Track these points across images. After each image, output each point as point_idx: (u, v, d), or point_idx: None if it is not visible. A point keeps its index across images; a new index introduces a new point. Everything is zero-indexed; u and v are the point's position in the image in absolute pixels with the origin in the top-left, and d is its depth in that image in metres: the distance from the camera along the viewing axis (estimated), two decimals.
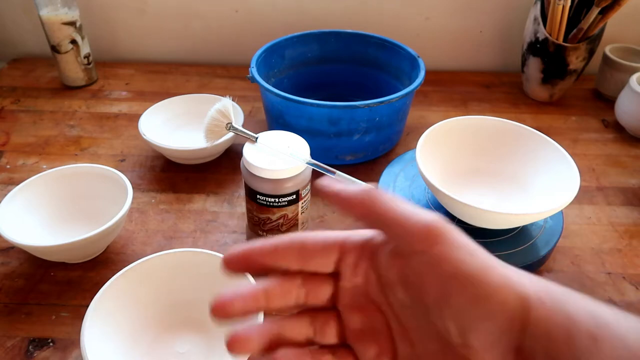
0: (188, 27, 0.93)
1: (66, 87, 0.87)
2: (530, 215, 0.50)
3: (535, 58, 0.81)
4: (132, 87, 0.88)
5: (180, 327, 0.48)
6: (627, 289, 0.54)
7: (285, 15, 0.91)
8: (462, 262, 0.24)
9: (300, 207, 0.52)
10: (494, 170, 0.61)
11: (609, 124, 0.81)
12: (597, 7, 0.73)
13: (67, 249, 0.50)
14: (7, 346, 0.47)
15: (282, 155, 0.49)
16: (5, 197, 0.54)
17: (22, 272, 0.54)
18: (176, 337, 0.47)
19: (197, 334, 0.47)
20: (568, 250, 0.58)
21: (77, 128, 0.77)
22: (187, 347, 0.46)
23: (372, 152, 0.70)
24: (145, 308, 0.47)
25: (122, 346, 0.44)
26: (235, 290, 0.28)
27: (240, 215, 0.62)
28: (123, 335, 0.45)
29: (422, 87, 0.69)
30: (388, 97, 0.63)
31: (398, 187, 0.60)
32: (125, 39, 0.96)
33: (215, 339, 0.46)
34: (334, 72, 0.81)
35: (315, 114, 0.64)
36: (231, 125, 0.52)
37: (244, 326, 0.28)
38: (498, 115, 0.62)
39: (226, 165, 0.70)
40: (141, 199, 0.64)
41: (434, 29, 0.92)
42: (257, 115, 0.81)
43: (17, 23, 0.94)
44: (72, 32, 0.82)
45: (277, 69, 0.76)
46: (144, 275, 0.47)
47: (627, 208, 0.64)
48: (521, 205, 0.57)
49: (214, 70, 0.93)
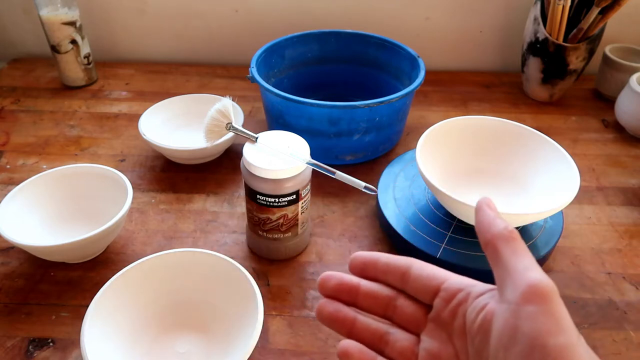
0: (188, 27, 0.93)
1: (66, 87, 0.87)
2: (530, 215, 0.50)
3: (535, 58, 0.81)
4: (132, 87, 0.88)
5: (180, 327, 0.48)
6: (627, 289, 0.54)
7: (285, 15, 0.91)
8: (548, 333, 0.24)
9: (300, 207, 0.52)
10: (494, 170, 0.61)
11: (609, 124, 0.81)
12: (597, 7, 0.73)
13: (67, 249, 0.50)
14: (7, 346, 0.47)
15: (282, 155, 0.49)
16: (5, 197, 0.54)
17: (22, 272, 0.54)
18: (176, 337, 0.47)
19: (197, 334, 0.47)
20: (568, 250, 0.58)
21: (77, 128, 0.77)
22: (187, 347, 0.46)
23: (372, 152, 0.70)
24: (145, 308, 0.47)
25: (122, 346, 0.44)
26: (340, 274, 0.32)
27: (240, 215, 0.62)
28: (123, 335, 0.45)
29: (422, 87, 0.69)
30: (388, 97, 0.63)
31: (398, 187, 0.60)
32: (125, 39, 0.96)
33: (215, 339, 0.46)
34: (334, 72, 0.81)
35: (315, 114, 0.64)
36: (231, 125, 0.52)
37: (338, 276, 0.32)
38: (498, 115, 0.62)
39: (226, 165, 0.70)
40: (141, 199, 0.64)
41: (434, 29, 0.92)
42: (257, 115, 0.81)
43: (17, 23, 0.94)
44: (72, 32, 0.82)
45: (277, 69, 0.76)
46: (144, 275, 0.47)
47: (627, 208, 0.64)
48: (521, 205, 0.57)
49: (214, 70, 0.93)
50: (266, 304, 0.51)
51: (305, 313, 0.51)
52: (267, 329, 0.49)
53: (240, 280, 0.46)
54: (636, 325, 0.50)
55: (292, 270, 0.55)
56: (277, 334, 0.49)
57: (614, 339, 0.49)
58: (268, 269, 0.55)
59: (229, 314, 0.47)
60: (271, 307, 0.51)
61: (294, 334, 0.49)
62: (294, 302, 0.52)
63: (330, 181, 0.53)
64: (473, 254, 0.52)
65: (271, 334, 0.49)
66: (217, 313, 0.47)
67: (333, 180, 0.50)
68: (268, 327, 0.49)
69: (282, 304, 0.52)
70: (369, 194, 0.62)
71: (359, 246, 0.58)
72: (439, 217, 0.56)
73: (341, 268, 0.55)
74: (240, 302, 0.46)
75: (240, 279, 0.46)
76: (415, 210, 0.57)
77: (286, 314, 0.51)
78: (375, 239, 0.59)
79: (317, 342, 0.48)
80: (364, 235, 0.59)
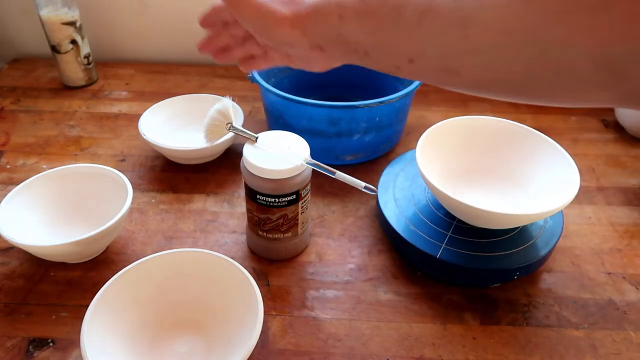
0: (188, 27, 0.93)
1: (66, 87, 0.87)
2: (530, 215, 0.50)
3: None
4: (132, 87, 0.88)
5: (181, 327, 0.48)
6: (627, 289, 0.54)
7: None
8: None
9: (300, 207, 0.52)
10: (494, 170, 0.61)
11: (609, 124, 0.81)
12: None
13: (67, 249, 0.50)
14: (7, 346, 0.47)
15: (282, 155, 0.49)
16: (5, 197, 0.54)
17: (22, 272, 0.54)
18: (176, 337, 0.47)
19: (197, 333, 0.47)
20: (568, 250, 0.58)
21: (77, 128, 0.77)
22: (187, 347, 0.46)
23: (372, 152, 0.70)
24: (146, 308, 0.47)
25: (122, 346, 0.44)
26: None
27: (240, 215, 0.62)
28: (123, 334, 0.45)
29: (422, 87, 0.69)
30: (388, 97, 0.63)
31: (398, 187, 0.60)
32: (125, 39, 0.96)
33: (215, 339, 0.46)
34: (334, 72, 0.80)
35: (315, 114, 0.64)
36: (231, 125, 0.52)
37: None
38: (498, 115, 0.62)
39: (226, 165, 0.70)
40: (141, 199, 0.64)
41: None
42: (257, 115, 0.81)
43: (17, 23, 0.94)
44: (72, 32, 0.82)
45: (277, 69, 0.76)
46: (144, 275, 0.47)
47: (627, 208, 0.64)
48: (521, 205, 0.57)
49: (214, 70, 0.93)
50: (266, 304, 0.51)
51: (305, 313, 0.51)
52: (267, 329, 0.49)
53: (241, 280, 0.46)
54: (636, 325, 0.50)
55: (292, 270, 0.55)
56: (277, 334, 0.49)
57: (614, 339, 0.49)
58: (268, 269, 0.55)
59: (229, 313, 0.47)
60: (271, 307, 0.51)
61: (294, 334, 0.49)
62: (294, 302, 0.52)
63: (330, 181, 0.53)
64: (473, 254, 0.52)
65: (271, 334, 0.49)
66: (217, 313, 0.47)
67: (333, 180, 0.50)
68: (268, 327, 0.49)
69: (282, 304, 0.52)
70: (369, 194, 0.62)
71: (359, 246, 0.58)
72: (439, 217, 0.56)
73: (341, 268, 0.55)
74: (240, 302, 0.46)
75: (240, 279, 0.46)
76: (415, 210, 0.57)
77: (286, 314, 0.51)
78: (375, 239, 0.59)
79: (317, 342, 0.48)
80: (364, 235, 0.59)
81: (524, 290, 0.53)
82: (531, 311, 0.51)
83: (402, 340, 0.48)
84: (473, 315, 0.51)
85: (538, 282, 0.54)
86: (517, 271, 0.51)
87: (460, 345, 0.48)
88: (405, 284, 0.54)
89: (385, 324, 0.50)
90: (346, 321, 0.50)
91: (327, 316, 0.50)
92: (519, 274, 0.52)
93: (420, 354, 0.47)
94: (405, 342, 0.48)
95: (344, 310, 0.51)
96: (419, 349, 0.48)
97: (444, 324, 0.50)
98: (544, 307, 0.52)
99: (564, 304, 0.52)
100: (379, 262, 0.56)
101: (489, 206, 0.49)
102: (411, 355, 0.47)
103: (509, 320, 0.50)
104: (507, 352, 0.47)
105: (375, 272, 0.55)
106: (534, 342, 0.48)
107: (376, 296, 0.52)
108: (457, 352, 0.47)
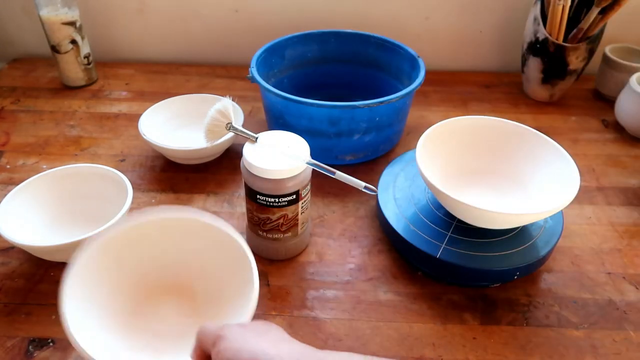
0: (188, 27, 0.93)
1: (66, 87, 0.87)
2: (530, 215, 0.50)
3: (535, 58, 0.81)
4: (132, 87, 0.88)
5: (167, 292, 0.47)
6: (627, 289, 0.54)
7: (285, 16, 0.91)
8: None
9: (300, 207, 0.52)
10: (494, 170, 0.61)
11: (609, 124, 0.81)
12: (597, 7, 0.73)
13: (67, 249, 0.50)
14: (7, 346, 0.47)
15: (282, 155, 0.49)
16: (5, 197, 0.54)
17: (22, 272, 0.54)
18: (160, 303, 0.47)
19: (183, 298, 0.47)
20: (568, 250, 0.58)
21: (77, 128, 0.77)
22: (171, 312, 0.46)
23: (372, 152, 0.70)
24: (129, 271, 0.47)
25: (105, 315, 0.44)
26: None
27: (240, 215, 0.62)
28: (103, 299, 0.44)
29: (422, 87, 0.69)
30: (388, 97, 0.63)
31: (398, 187, 0.60)
32: (125, 39, 0.96)
33: (200, 304, 0.46)
34: (334, 72, 0.81)
35: (315, 114, 0.64)
36: (231, 125, 0.52)
37: None
38: (498, 115, 0.62)
39: (226, 165, 0.70)
40: (141, 199, 0.64)
41: (434, 29, 0.92)
42: (257, 115, 0.81)
43: (17, 23, 0.94)
44: (72, 32, 0.82)
45: (277, 69, 0.76)
46: (125, 239, 0.46)
47: (627, 208, 0.64)
48: (521, 205, 0.57)
49: (214, 70, 0.93)
50: (266, 304, 0.51)
51: (305, 313, 0.51)
52: None
53: (235, 249, 0.45)
54: (636, 325, 0.50)
55: (292, 270, 0.55)
56: None
57: (614, 339, 0.49)
58: (268, 269, 0.55)
59: (220, 279, 0.46)
60: (271, 307, 0.51)
61: (294, 334, 0.49)
62: (294, 302, 0.52)
63: (330, 181, 0.53)
64: (473, 254, 0.52)
65: None
66: (208, 279, 0.47)
67: (333, 180, 0.50)
68: None
69: (282, 304, 0.52)
70: (369, 194, 0.62)
71: (359, 246, 0.58)
72: (439, 217, 0.56)
73: (341, 268, 0.55)
74: (234, 269, 0.45)
75: (235, 248, 0.45)
76: (415, 210, 0.57)
77: (286, 314, 0.51)
78: (375, 239, 0.59)
79: (317, 342, 0.48)
80: (364, 235, 0.59)
81: (524, 290, 0.53)
82: (531, 311, 0.51)
83: (402, 340, 0.48)
84: (473, 315, 0.51)
85: (538, 282, 0.54)
86: (517, 271, 0.51)
87: (460, 345, 0.48)
88: (405, 284, 0.54)
89: (385, 324, 0.50)
90: (346, 321, 0.50)
91: (327, 316, 0.50)
92: (519, 274, 0.52)
93: (420, 354, 0.47)
94: (405, 342, 0.48)
95: (344, 310, 0.51)
96: (419, 349, 0.48)
97: (444, 324, 0.50)
98: (544, 307, 0.52)
99: (564, 304, 0.52)
100: (378, 262, 0.56)
101: (489, 206, 0.49)
102: (411, 355, 0.47)
103: (509, 320, 0.50)
104: (507, 352, 0.47)
105: (375, 272, 0.55)
106: (534, 342, 0.48)
107: (376, 296, 0.53)
108: (457, 352, 0.47)
